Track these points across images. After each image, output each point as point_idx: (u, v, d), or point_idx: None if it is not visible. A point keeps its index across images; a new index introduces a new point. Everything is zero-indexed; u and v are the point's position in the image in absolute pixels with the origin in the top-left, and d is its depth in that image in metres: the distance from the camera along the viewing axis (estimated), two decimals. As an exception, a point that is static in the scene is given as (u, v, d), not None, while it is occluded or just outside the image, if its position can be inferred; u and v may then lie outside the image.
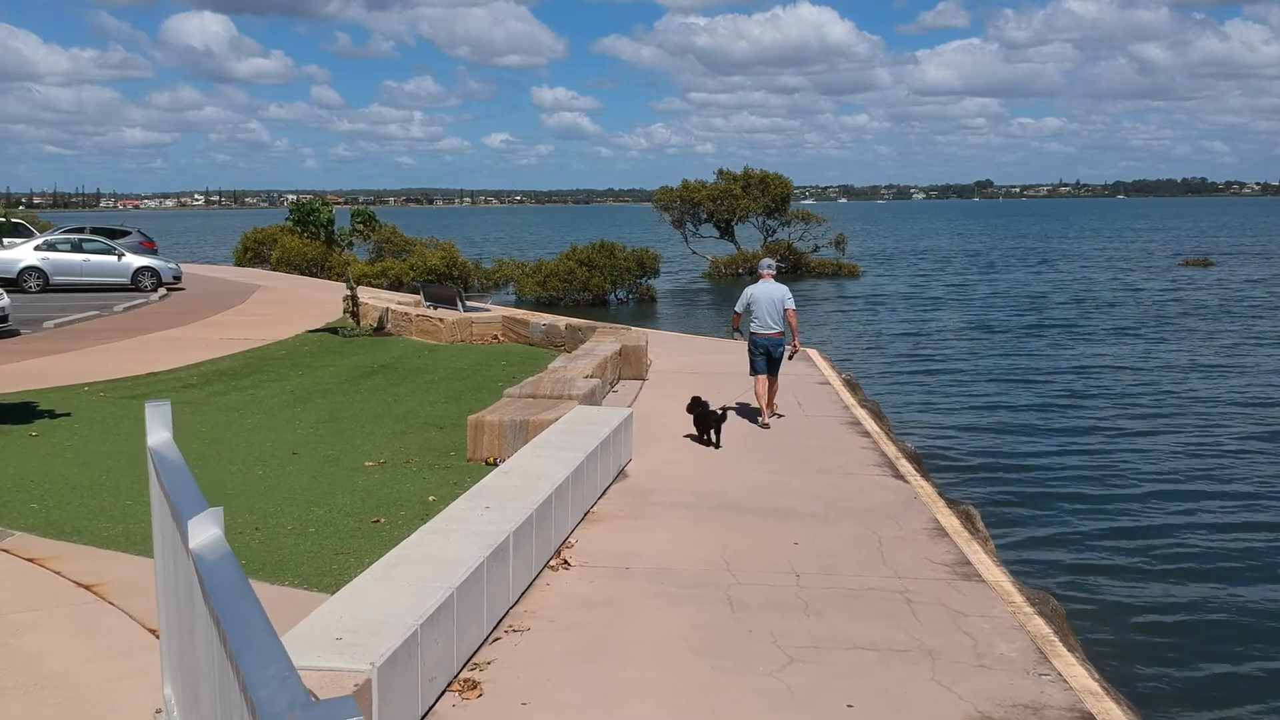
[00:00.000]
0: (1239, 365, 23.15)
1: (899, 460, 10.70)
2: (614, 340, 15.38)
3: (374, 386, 14.39)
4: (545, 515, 7.19)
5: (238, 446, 10.47)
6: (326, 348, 18.37)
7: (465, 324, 19.29)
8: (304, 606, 5.53)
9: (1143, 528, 11.90)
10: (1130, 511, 12.47)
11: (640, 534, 8.06)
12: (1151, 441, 15.96)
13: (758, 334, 12.07)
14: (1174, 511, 12.50)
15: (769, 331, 12.01)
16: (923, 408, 18.72)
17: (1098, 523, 12.04)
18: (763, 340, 12.03)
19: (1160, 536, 11.60)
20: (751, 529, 8.25)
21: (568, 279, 36.46)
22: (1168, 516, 12.30)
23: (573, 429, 9.41)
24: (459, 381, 14.78)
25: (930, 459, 14.45)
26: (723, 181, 50.83)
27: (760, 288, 12.17)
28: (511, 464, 8.09)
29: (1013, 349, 26.01)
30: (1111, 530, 11.77)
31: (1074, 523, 12.01)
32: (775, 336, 12.02)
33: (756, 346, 12.10)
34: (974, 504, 10.56)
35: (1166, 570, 10.57)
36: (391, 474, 9.36)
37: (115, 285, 29.74)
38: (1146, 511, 12.47)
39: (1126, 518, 12.24)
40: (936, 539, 8.16)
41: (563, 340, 17.86)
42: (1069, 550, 11.11)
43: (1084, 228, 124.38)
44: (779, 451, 10.90)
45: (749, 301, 12.14)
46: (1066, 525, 11.94)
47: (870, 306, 37.05)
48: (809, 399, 13.87)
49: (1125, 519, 12.19)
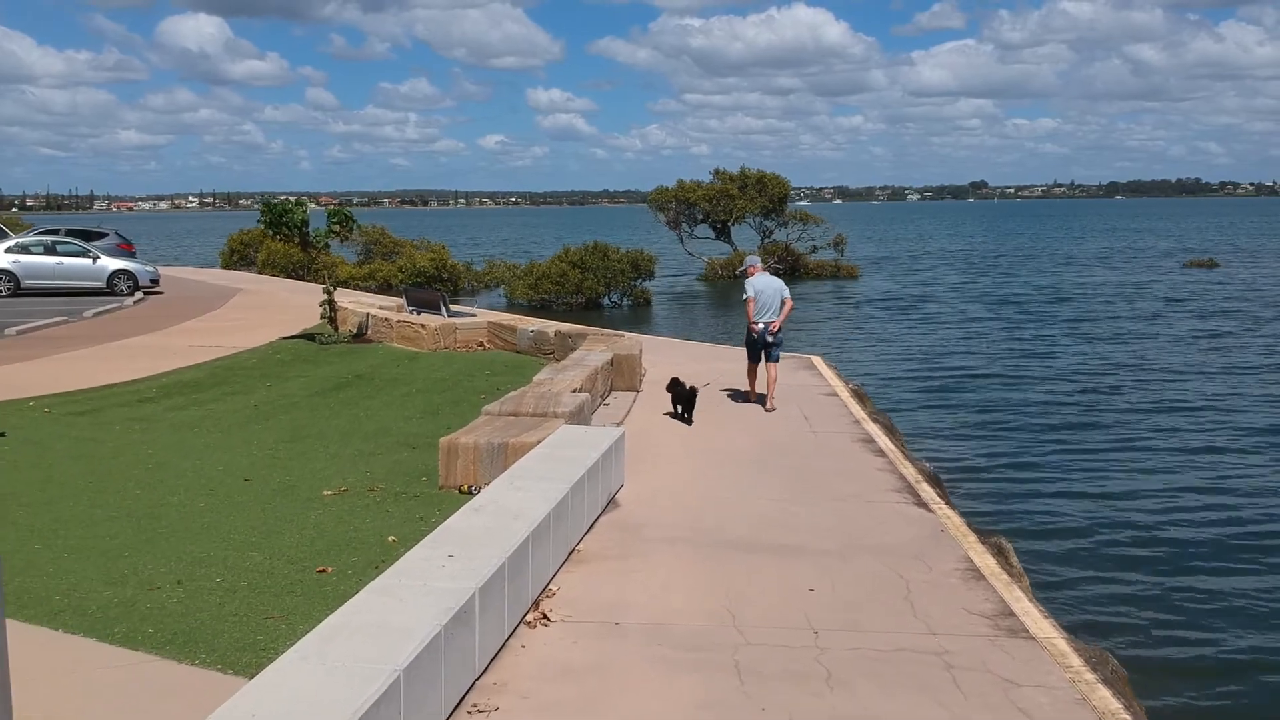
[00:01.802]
0: (1266, 366, 22.14)
1: (919, 484, 9.66)
2: (605, 349, 14.32)
3: (345, 400, 13.32)
4: (520, 563, 6.14)
5: (184, 472, 9.39)
6: (300, 356, 17.30)
7: (449, 330, 18.22)
8: (213, 695, 4.47)
9: (1186, 555, 10.87)
10: (1170, 539, 11.43)
11: (632, 578, 7.02)
12: (1183, 457, 14.92)
13: (759, 323, 12.81)
14: (1217, 533, 11.47)
15: (767, 320, 12.80)
16: (933, 417, 17.69)
17: (1136, 550, 11.01)
18: (764, 329, 12.79)
19: (1208, 564, 10.57)
20: (759, 570, 7.21)
21: (560, 281, 35.40)
22: (1213, 541, 11.27)
23: (556, 454, 8.35)
24: (438, 394, 13.71)
25: (946, 474, 13.43)
26: (719, 181, 49.81)
27: (761, 280, 12.94)
28: (484, 498, 7.04)
29: (1022, 353, 24.99)
30: (1153, 560, 10.74)
31: (1109, 551, 10.98)
32: (772, 325, 12.82)
33: (757, 335, 12.83)
34: (1004, 534, 9.51)
35: (1225, 609, 9.53)
36: (351, 505, 8.29)
37: (90, 289, 28.65)
38: (1188, 538, 11.44)
39: (1166, 546, 11.20)
40: (972, 583, 7.12)
41: (552, 348, 16.81)
42: (1110, 583, 10.08)
43: (1086, 228, 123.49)
44: (786, 475, 9.86)
45: (755, 292, 12.85)
46: (1102, 553, 10.90)
47: (872, 309, 36.03)
48: (816, 412, 12.83)
49: (1164, 547, 11.15)
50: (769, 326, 12.73)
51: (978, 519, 11.17)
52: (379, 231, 48.22)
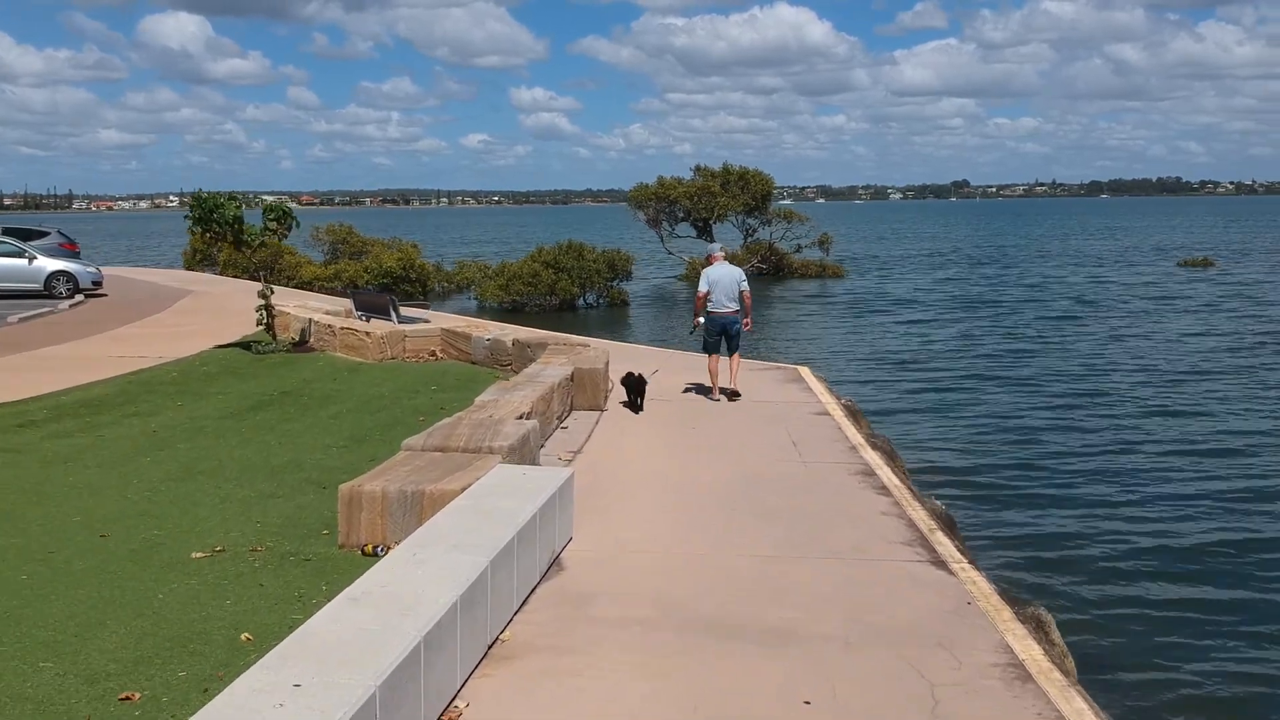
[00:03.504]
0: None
1: (933, 534, 7.95)
2: (566, 361, 12.58)
3: (261, 423, 11.53)
4: (403, 685, 4.39)
5: (30, 523, 7.60)
6: (229, 368, 15.48)
7: (397, 338, 16.43)
8: None
9: (1252, 622, 9.20)
10: (1215, 602, 9.77)
11: (571, 684, 5.28)
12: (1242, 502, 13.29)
13: (715, 313, 12.62)
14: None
15: (727, 310, 12.60)
16: (934, 433, 16.00)
17: (1192, 616, 9.34)
18: (720, 319, 12.62)
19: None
20: (738, 669, 5.49)
21: (532, 282, 33.61)
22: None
23: (483, 506, 6.61)
24: (371, 415, 11.93)
25: (957, 504, 11.76)
26: (700, 178, 48.06)
27: (718, 270, 12.72)
28: (370, 581, 5.28)
29: (1024, 358, 23.29)
30: (1216, 632, 9.06)
31: (1157, 613, 9.30)
32: (732, 315, 12.61)
33: (714, 325, 12.65)
34: (1039, 598, 7.82)
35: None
36: (219, 574, 6.52)
37: (27, 291, 26.68)
38: (1244, 600, 9.78)
39: (1226, 614, 9.53)
40: (1017, 685, 5.41)
41: (510, 358, 15.05)
42: (1166, 668, 8.39)
43: (1085, 227, 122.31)
44: (772, 520, 8.14)
45: (709, 284, 12.62)
46: (1150, 617, 9.22)
47: (860, 312, 34.34)
48: (806, 436, 11.11)
49: (1225, 615, 9.48)
50: (733, 318, 12.59)
51: (1002, 570, 9.49)
52: (346, 230, 46.26)
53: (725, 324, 12.57)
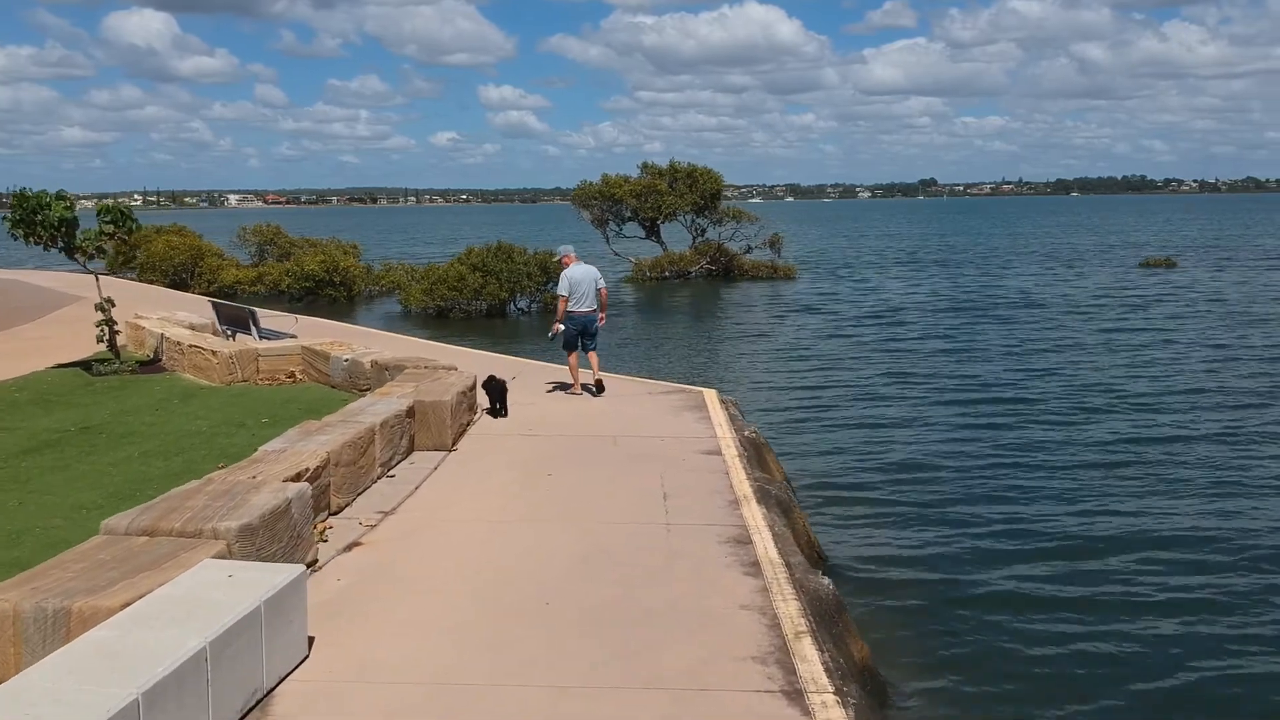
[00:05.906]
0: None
1: (799, 640, 6.02)
2: (409, 392, 10.57)
3: (25, 471, 9.46)
4: None
5: None
6: (47, 394, 13.37)
7: (249, 358, 14.36)
8: None
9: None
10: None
11: None
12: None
13: (576, 313, 12.94)
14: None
15: (587, 309, 12.97)
16: (863, 466, 14.06)
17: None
18: (580, 318, 12.96)
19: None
20: None
21: (458, 286, 31.52)
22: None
23: (132, 639, 4.62)
24: (163, 460, 9.88)
25: (861, 575, 9.89)
26: (647, 176, 46.12)
27: (578, 270, 13.04)
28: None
29: (990, 376, 21.45)
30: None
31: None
32: (591, 314, 13.00)
33: (574, 324, 12.96)
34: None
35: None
36: None
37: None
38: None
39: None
40: None
41: (367, 382, 13.05)
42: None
43: (1038, 224, 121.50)
44: (592, 624, 6.19)
45: (570, 285, 12.90)
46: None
47: (805, 317, 32.41)
48: (682, 485, 9.17)
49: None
50: (592, 316, 12.93)
51: (902, 698, 7.60)
52: (274, 230, 44.08)
53: (585, 322, 12.98)
